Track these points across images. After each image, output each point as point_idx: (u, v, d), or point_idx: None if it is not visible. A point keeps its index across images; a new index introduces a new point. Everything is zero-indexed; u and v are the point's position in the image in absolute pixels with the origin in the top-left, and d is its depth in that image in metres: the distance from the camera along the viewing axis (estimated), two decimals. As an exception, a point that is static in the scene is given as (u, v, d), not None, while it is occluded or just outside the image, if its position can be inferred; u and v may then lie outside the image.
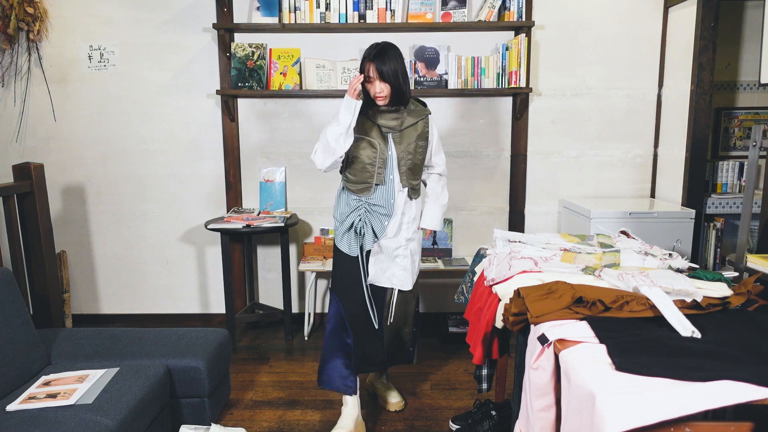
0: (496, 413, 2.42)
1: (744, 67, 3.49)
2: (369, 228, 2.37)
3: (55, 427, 1.73)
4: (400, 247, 2.40)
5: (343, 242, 2.40)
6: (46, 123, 3.55)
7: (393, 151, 2.34)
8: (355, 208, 2.38)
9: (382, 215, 2.37)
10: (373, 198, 2.36)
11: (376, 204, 2.36)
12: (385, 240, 2.38)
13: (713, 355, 1.29)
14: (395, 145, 2.34)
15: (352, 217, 2.38)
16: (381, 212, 2.36)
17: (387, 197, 2.36)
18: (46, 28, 3.43)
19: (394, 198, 2.37)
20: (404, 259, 2.42)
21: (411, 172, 2.38)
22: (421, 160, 2.41)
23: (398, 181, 2.36)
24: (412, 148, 2.35)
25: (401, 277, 2.43)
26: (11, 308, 2.14)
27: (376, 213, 2.37)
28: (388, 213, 2.37)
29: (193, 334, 2.47)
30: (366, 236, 2.37)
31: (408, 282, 2.45)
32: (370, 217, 2.37)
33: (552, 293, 1.61)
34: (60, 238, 3.54)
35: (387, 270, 2.41)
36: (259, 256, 3.74)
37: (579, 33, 3.46)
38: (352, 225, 2.38)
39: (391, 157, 2.35)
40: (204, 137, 3.57)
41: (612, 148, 3.59)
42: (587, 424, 1.18)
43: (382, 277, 2.41)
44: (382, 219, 2.37)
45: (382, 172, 2.34)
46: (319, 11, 3.29)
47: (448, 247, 3.63)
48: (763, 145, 2.10)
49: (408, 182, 2.38)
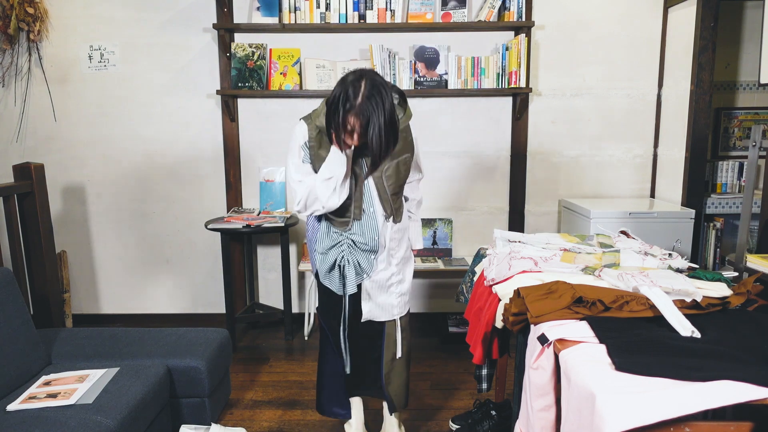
0: (496, 413, 2.42)
1: (744, 67, 3.49)
2: (352, 267, 2.07)
3: (55, 427, 1.73)
4: (393, 275, 2.14)
5: (326, 282, 2.15)
6: (46, 123, 3.55)
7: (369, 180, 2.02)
8: (337, 242, 2.08)
9: (367, 251, 2.08)
10: (355, 234, 2.06)
11: (359, 241, 2.06)
12: (376, 273, 2.11)
13: (713, 355, 1.30)
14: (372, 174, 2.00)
15: (334, 254, 2.08)
16: (366, 248, 2.07)
17: (371, 233, 2.05)
18: (46, 28, 3.43)
19: (378, 232, 2.05)
20: (400, 285, 2.17)
21: (395, 196, 2.07)
22: (404, 176, 2.08)
23: (381, 213, 2.05)
24: (392, 170, 2.02)
25: (400, 304, 2.18)
26: (11, 308, 2.14)
27: (360, 250, 2.07)
28: (374, 248, 2.07)
29: (193, 334, 2.47)
30: (348, 276, 2.07)
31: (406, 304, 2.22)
32: (355, 254, 2.07)
33: (552, 293, 1.61)
34: (60, 238, 3.54)
35: (384, 303, 2.15)
36: (259, 256, 3.74)
37: (579, 33, 3.46)
38: (335, 263, 2.09)
39: (367, 186, 2.02)
40: (204, 137, 3.57)
41: (612, 148, 3.59)
42: (587, 424, 1.18)
43: (379, 312, 2.16)
44: (368, 255, 2.08)
45: (360, 204, 2.03)
46: (319, 11, 3.29)
47: (448, 247, 3.63)
48: (762, 145, 2.10)
49: (392, 209, 2.07)
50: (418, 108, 3.46)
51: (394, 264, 2.13)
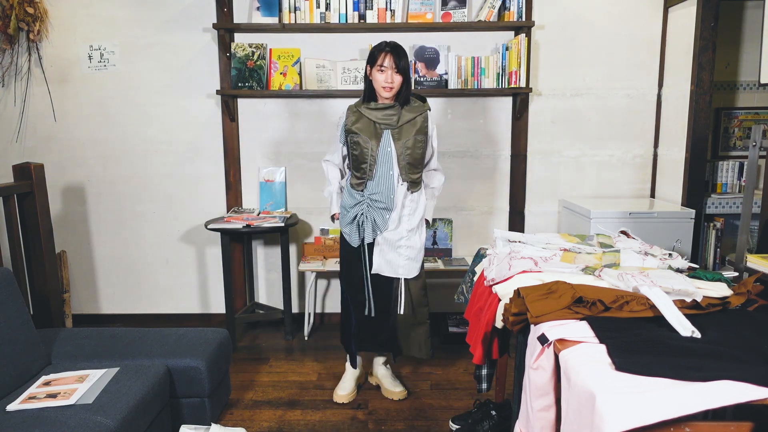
0: (496, 413, 2.42)
1: (744, 67, 3.49)
2: (370, 222, 2.51)
3: (55, 427, 1.73)
4: (402, 238, 2.55)
5: (346, 230, 2.59)
6: (46, 123, 3.55)
7: (392, 148, 2.47)
8: (358, 202, 2.53)
9: (382, 209, 2.51)
10: (374, 193, 2.50)
11: (377, 199, 2.50)
12: (388, 232, 2.54)
13: (713, 355, 1.29)
14: (394, 142, 2.46)
15: (355, 210, 2.54)
16: (381, 206, 2.50)
17: (387, 192, 2.50)
18: (46, 28, 3.43)
19: (394, 193, 2.50)
20: (408, 249, 2.56)
21: (411, 166, 2.50)
22: (420, 154, 2.51)
23: (398, 176, 2.49)
24: (411, 144, 2.47)
25: (406, 266, 2.57)
26: (11, 308, 2.14)
27: (376, 207, 2.51)
28: (388, 207, 2.51)
29: (193, 334, 2.47)
30: (366, 229, 2.52)
31: (413, 270, 2.59)
32: (371, 211, 2.51)
33: (552, 293, 1.61)
34: (60, 238, 3.54)
35: (392, 261, 2.56)
36: (259, 256, 3.74)
37: (579, 33, 3.46)
38: (355, 218, 2.53)
39: (391, 153, 2.47)
40: (204, 137, 3.57)
41: (612, 148, 3.59)
42: (587, 424, 1.18)
43: (387, 267, 2.56)
44: (383, 213, 2.51)
45: (374, 168, 2.48)
46: (319, 11, 3.29)
47: (448, 247, 3.63)
48: (762, 145, 2.10)
49: (408, 176, 2.50)
50: (418, 108, 3.46)
51: (405, 228, 2.55)
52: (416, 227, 2.58)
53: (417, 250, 2.60)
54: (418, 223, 2.59)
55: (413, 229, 2.57)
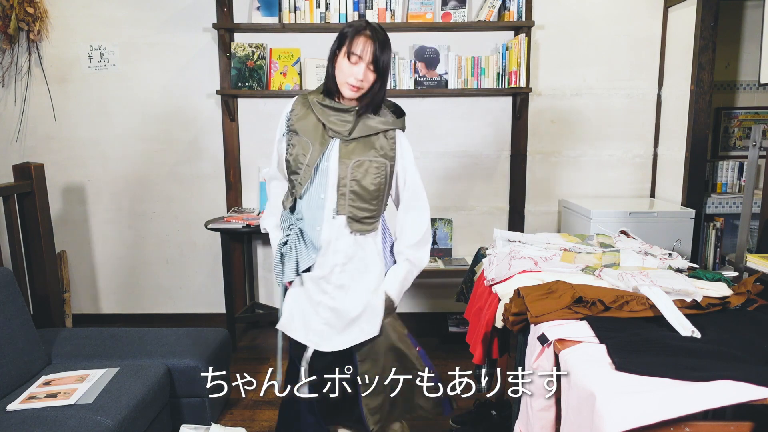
0: (496, 413, 2.42)
1: (744, 67, 3.48)
2: (293, 256, 1.76)
3: (55, 426, 1.73)
4: (326, 292, 1.77)
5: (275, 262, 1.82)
6: (46, 123, 3.54)
7: (335, 165, 1.73)
8: (289, 226, 1.81)
9: (308, 244, 1.77)
10: (301, 219, 1.78)
11: (302, 228, 1.78)
12: (309, 276, 1.79)
13: (713, 354, 1.30)
14: (340, 158, 1.73)
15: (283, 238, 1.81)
16: (307, 239, 1.78)
17: (312, 222, 1.76)
18: (46, 28, 3.43)
19: (321, 226, 1.75)
20: (329, 311, 1.77)
21: (357, 197, 1.73)
22: (377, 185, 1.74)
23: (331, 205, 1.74)
24: (364, 167, 1.72)
25: (320, 333, 1.77)
26: (11, 308, 2.14)
27: (305, 243, 1.77)
28: (314, 244, 1.76)
29: (193, 334, 2.47)
30: (287, 265, 1.77)
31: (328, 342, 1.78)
32: (299, 243, 1.77)
33: (552, 293, 1.61)
34: (60, 238, 3.53)
35: (304, 317, 1.80)
36: (259, 256, 3.74)
37: (579, 33, 3.46)
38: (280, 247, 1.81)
39: (328, 171, 1.73)
40: (204, 137, 3.57)
41: (612, 148, 3.59)
42: (587, 424, 1.18)
43: (292, 324, 1.81)
44: (309, 250, 1.76)
45: (304, 184, 1.75)
46: (319, 11, 3.29)
47: (448, 247, 3.63)
48: (762, 145, 2.10)
49: (348, 210, 1.74)
50: (418, 108, 3.46)
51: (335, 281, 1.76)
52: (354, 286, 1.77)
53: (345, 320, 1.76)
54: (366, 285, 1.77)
55: (346, 287, 1.77)
